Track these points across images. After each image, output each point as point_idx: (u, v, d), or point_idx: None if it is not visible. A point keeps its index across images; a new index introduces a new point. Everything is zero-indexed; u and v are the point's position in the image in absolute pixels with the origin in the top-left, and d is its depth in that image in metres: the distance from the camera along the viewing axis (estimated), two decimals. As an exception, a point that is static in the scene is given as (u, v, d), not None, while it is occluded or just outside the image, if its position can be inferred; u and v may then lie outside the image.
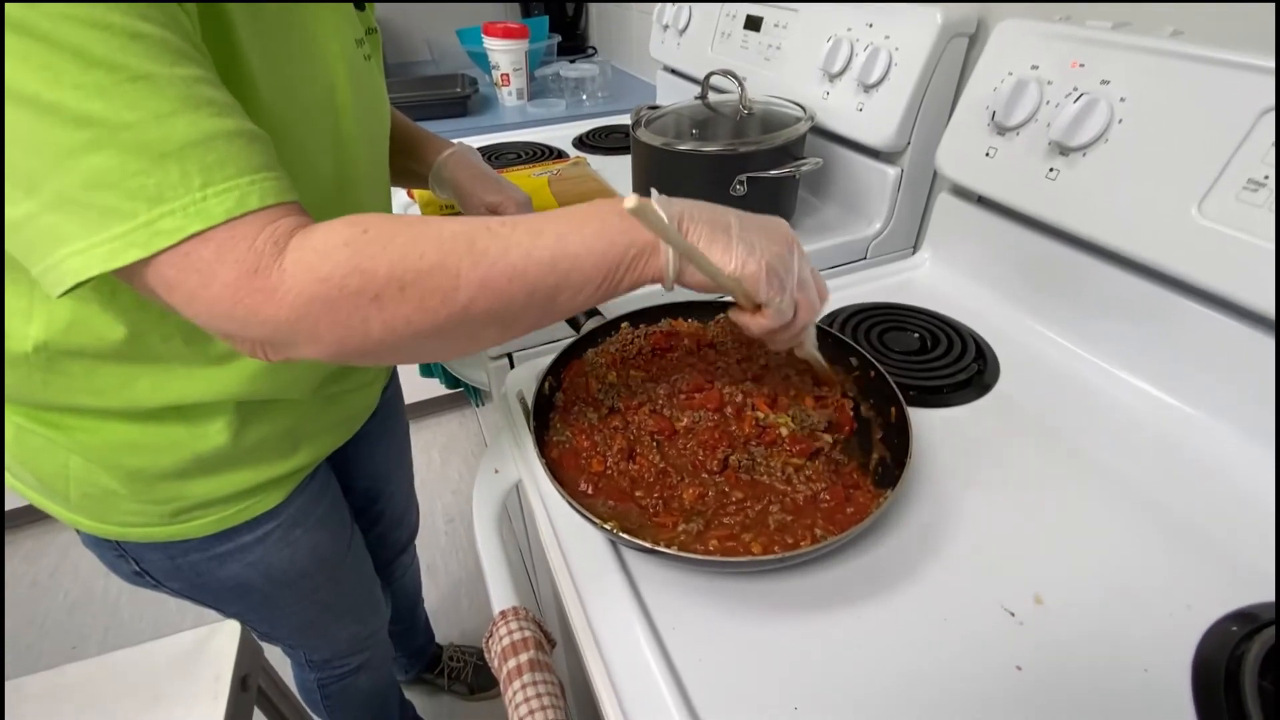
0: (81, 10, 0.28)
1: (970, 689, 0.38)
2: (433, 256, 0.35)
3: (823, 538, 0.43)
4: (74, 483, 0.51)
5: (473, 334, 0.38)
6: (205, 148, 0.31)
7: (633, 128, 0.82)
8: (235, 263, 0.32)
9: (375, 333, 0.35)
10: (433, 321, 0.35)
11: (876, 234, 0.86)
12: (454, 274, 0.35)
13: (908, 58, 0.75)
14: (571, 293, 0.39)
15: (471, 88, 1.45)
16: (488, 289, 0.36)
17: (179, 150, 0.31)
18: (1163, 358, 0.58)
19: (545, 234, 0.37)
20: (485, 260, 0.35)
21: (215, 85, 0.33)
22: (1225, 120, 0.49)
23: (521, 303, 0.37)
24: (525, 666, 0.44)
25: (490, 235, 0.36)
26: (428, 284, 0.35)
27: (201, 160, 0.31)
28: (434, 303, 0.35)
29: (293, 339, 0.34)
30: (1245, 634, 0.39)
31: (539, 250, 0.37)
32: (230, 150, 0.32)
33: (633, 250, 0.39)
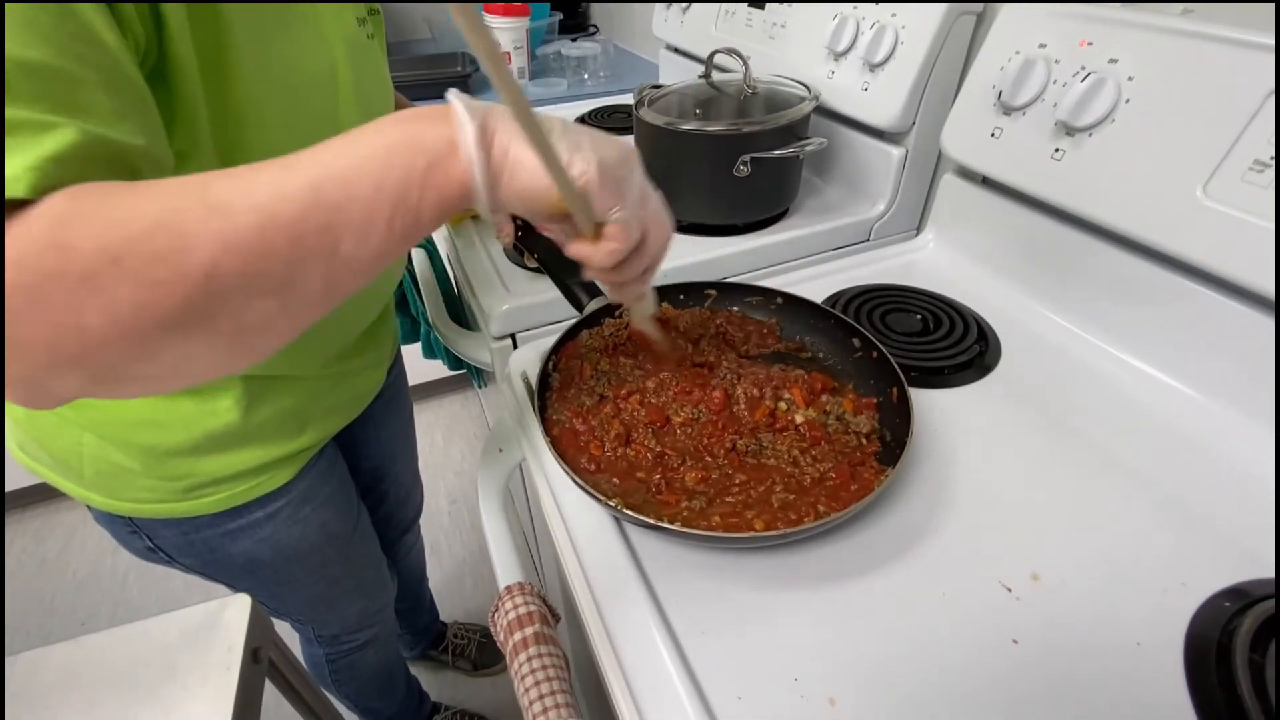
0: None
1: (967, 662, 0.39)
2: (151, 215, 0.26)
3: (826, 514, 0.44)
4: (87, 460, 0.52)
5: (237, 315, 0.28)
6: (10, 132, 0.26)
7: (635, 107, 0.82)
8: None
9: (94, 324, 0.26)
10: (169, 300, 0.26)
11: (880, 215, 0.86)
12: (180, 233, 0.26)
13: (914, 36, 0.74)
14: (356, 232, 0.29)
15: (472, 67, 1.43)
16: (232, 246, 0.27)
17: None
18: (1164, 340, 0.58)
19: (300, 163, 0.29)
20: (223, 207, 0.27)
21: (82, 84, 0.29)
22: (1232, 100, 0.49)
23: (286, 256, 0.28)
24: (531, 640, 0.45)
25: (228, 178, 0.28)
26: (147, 249, 0.26)
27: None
28: (161, 274, 0.26)
29: (9, 333, 0.26)
30: (1238, 609, 0.40)
31: (293, 183, 0.28)
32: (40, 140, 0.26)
33: (420, 159, 0.30)
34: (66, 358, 0.27)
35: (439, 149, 0.30)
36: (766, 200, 0.83)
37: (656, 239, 0.39)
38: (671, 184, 0.82)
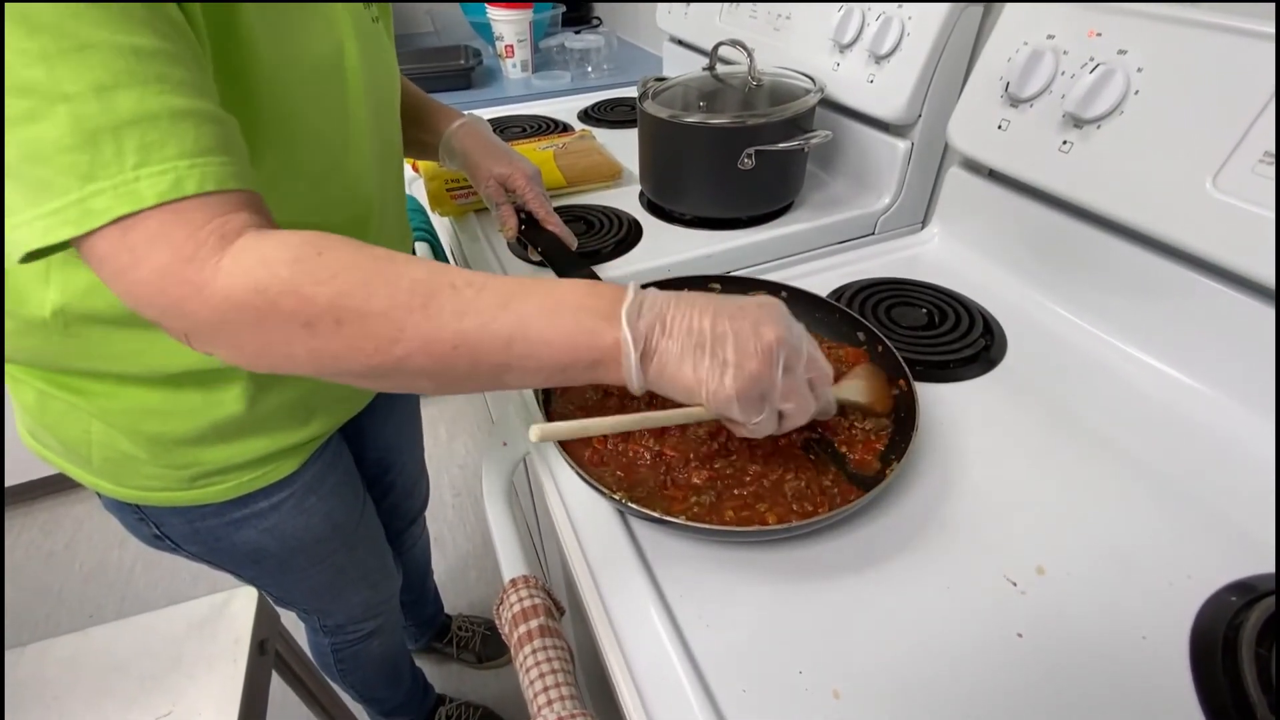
0: None
1: (972, 654, 0.39)
2: (381, 302, 0.32)
3: (842, 504, 0.44)
4: (95, 447, 0.52)
5: (405, 384, 0.36)
6: (146, 125, 0.30)
7: (639, 100, 0.81)
8: (170, 248, 0.30)
9: (300, 357, 0.33)
10: (363, 364, 0.33)
11: (885, 208, 0.85)
12: (398, 326, 0.33)
13: (920, 27, 0.73)
14: (519, 375, 0.36)
15: (475, 60, 1.43)
16: (429, 350, 0.33)
17: (116, 127, 0.29)
18: (1172, 333, 0.58)
19: (510, 311, 0.34)
20: (435, 320, 0.33)
21: (175, 60, 0.31)
22: (1243, 91, 0.49)
23: (463, 372, 0.35)
24: (535, 632, 0.45)
25: (451, 294, 0.34)
26: (366, 328, 0.32)
27: (141, 138, 0.30)
28: (368, 347, 0.33)
29: (212, 340, 0.33)
30: (1244, 603, 0.40)
31: (496, 325, 0.34)
32: (175, 130, 0.30)
33: (593, 355, 0.36)
34: (269, 365, 0.34)
35: (610, 354, 0.36)
36: (771, 193, 0.83)
37: (795, 421, 0.41)
38: (676, 177, 0.83)
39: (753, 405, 0.38)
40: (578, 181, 0.92)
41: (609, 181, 0.94)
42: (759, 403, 0.38)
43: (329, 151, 0.48)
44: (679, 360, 0.36)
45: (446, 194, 0.87)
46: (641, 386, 0.37)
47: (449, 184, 0.87)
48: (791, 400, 0.39)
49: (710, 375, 0.36)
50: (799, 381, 0.39)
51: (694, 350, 0.36)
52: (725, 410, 0.37)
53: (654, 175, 0.85)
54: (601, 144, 1.02)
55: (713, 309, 0.37)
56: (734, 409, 0.37)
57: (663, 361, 0.36)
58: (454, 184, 0.87)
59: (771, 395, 0.38)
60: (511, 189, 0.71)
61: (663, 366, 0.37)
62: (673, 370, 0.37)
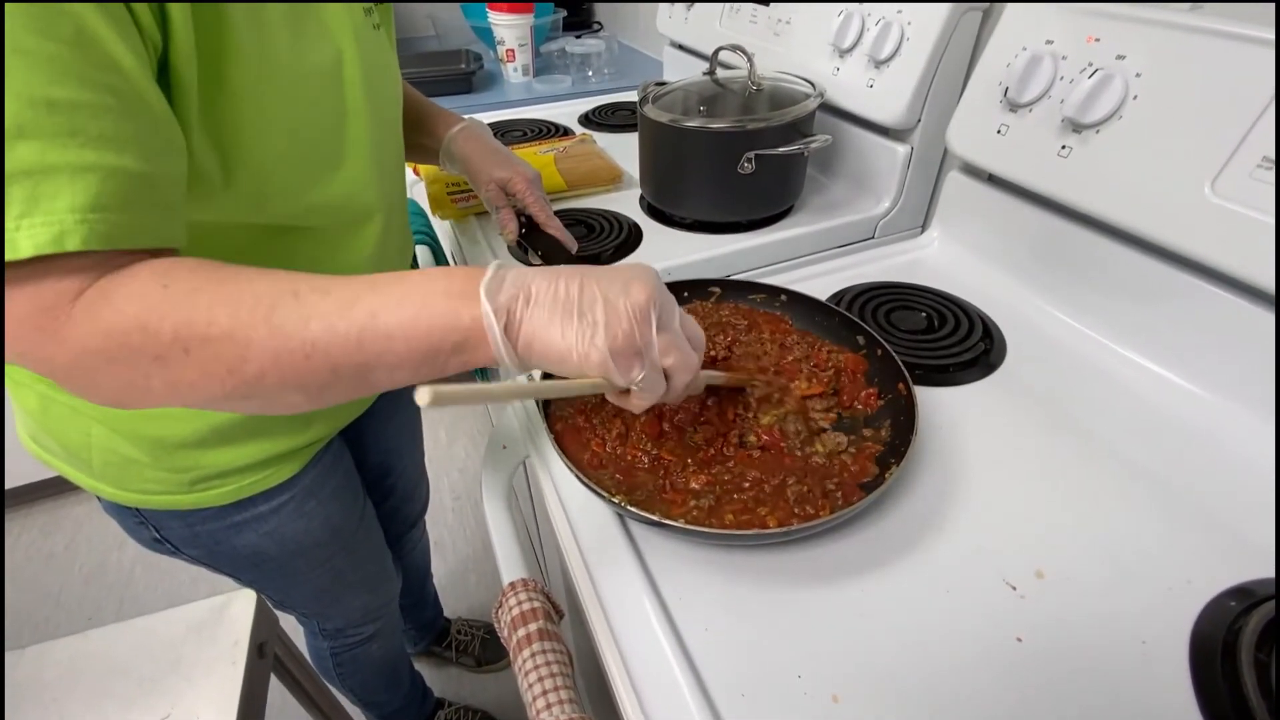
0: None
1: (971, 659, 0.39)
2: (224, 323, 0.32)
3: (844, 505, 0.44)
4: (96, 450, 0.52)
5: (271, 401, 0.35)
6: (40, 178, 0.29)
7: (640, 104, 0.82)
8: (34, 299, 0.30)
9: (158, 390, 0.33)
10: (220, 389, 0.33)
11: (885, 213, 0.86)
12: (243, 344, 0.32)
13: (920, 33, 0.74)
14: (387, 373, 0.35)
15: (476, 64, 1.43)
16: (282, 364, 0.33)
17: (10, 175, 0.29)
18: (1171, 337, 0.58)
19: (357, 308, 0.33)
20: (281, 333, 0.32)
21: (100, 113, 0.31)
22: (1241, 96, 0.49)
23: (325, 379, 0.34)
24: (535, 636, 0.45)
25: (295, 303, 0.33)
26: (212, 351, 0.32)
27: (32, 190, 0.29)
28: (219, 370, 0.32)
29: (71, 383, 0.33)
30: (1244, 608, 0.40)
31: (344, 325, 0.33)
32: (71, 184, 0.30)
33: (454, 337, 0.34)
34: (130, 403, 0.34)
35: (471, 333, 0.34)
36: (771, 197, 0.83)
37: (681, 377, 0.39)
38: (676, 181, 0.83)
39: (628, 363, 0.36)
40: (578, 185, 0.92)
41: (609, 185, 0.94)
42: (634, 359, 0.36)
43: (326, 158, 0.48)
44: (546, 327, 0.35)
45: (447, 197, 0.87)
46: (514, 362, 0.35)
47: (450, 187, 0.87)
48: (672, 355, 0.38)
49: (580, 338, 0.35)
50: (677, 336, 0.38)
51: (562, 316, 0.35)
52: (601, 371, 0.36)
53: (654, 179, 0.86)
54: (602, 148, 1.02)
55: (580, 275, 0.36)
56: (610, 369, 0.35)
57: (530, 331, 0.35)
58: (454, 187, 0.87)
59: (649, 352, 0.37)
60: (512, 193, 0.72)
61: (531, 337, 0.35)
62: (542, 339, 0.35)
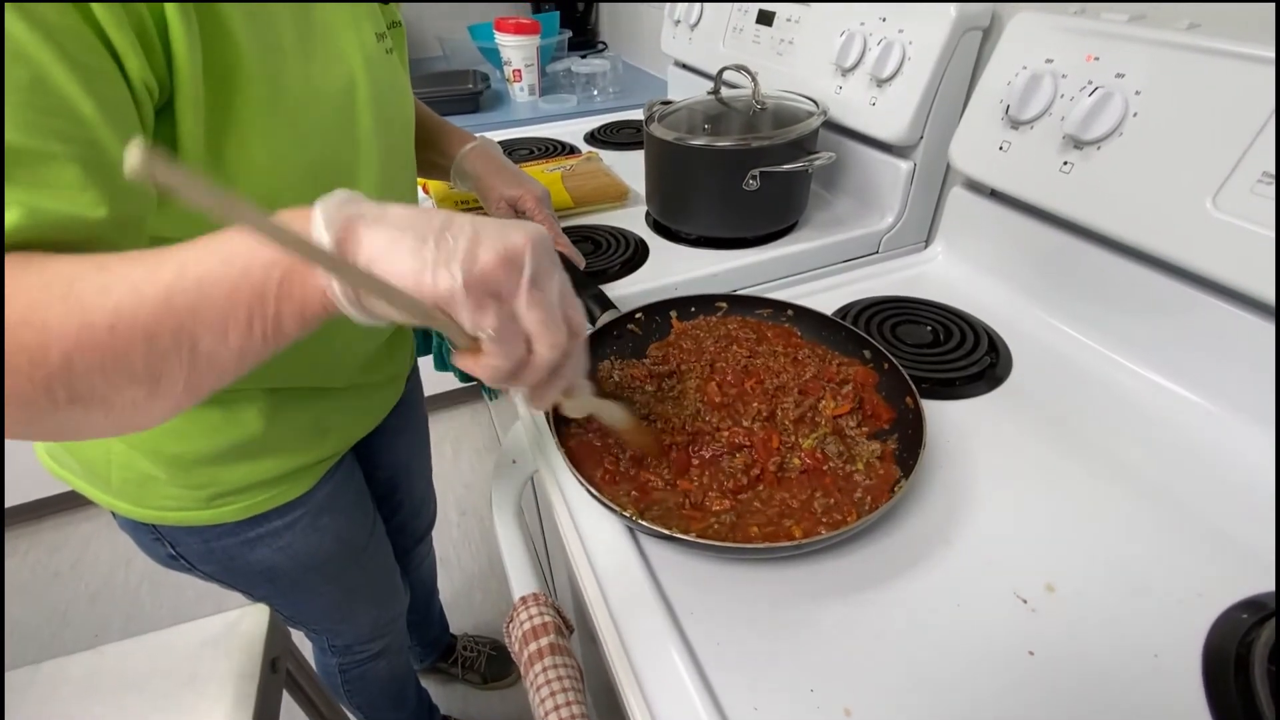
0: None
1: (983, 672, 0.39)
2: (19, 308, 0.27)
3: (872, 509, 0.45)
4: (115, 467, 0.53)
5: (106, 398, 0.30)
6: None
7: (645, 123, 0.83)
8: None
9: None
10: (29, 386, 0.28)
11: (889, 228, 0.87)
12: (40, 326, 0.27)
13: (921, 52, 0.75)
14: (212, 334, 0.30)
15: (483, 84, 1.46)
16: (86, 343, 0.28)
17: None
18: (1176, 350, 0.58)
19: (165, 267, 0.29)
20: (80, 305, 0.28)
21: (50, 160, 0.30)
22: (1240, 113, 0.50)
23: (143, 352, 0.29)
24: (546, 650, 0.45)
25: (98, 272, 0.29)
26: (12, 340, 0.27)
27: None
28: (21, 363, 0.27)
29: None
30: (1255, 621, 0.40)
31: (150, 286, 0.28)
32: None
33: (275, 270, 0.29)
34: None
35: (298, 262, 0.29)
36: (776, 213, 0.84)
37: (544, 351, 0.33)
38: (681, 198, 0.84)
39: (480, 302, 0.30)
40: (585, 202, 0.94)
41: (616, 202, 0.96)
42: (489, 301, 0.30)
43: (335, 182, 0.48)
44: (392, 247, 0.29)
45: (456, 215, 0.88)
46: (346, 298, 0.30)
47: (458, 206, 0.89)
48: (538, 311, 0.32)
49: (432, 261, 0.29)
50: (549, 298, 0.33)
51: (415, 237, 0.29)
52: (448, 304, 0.30)
53: (660, 196, 0.87)
54: (608, 166, 1.04)
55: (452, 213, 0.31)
56: (458, 302, 0.29)
57: (370, 248, 0.29)
58: (463, 206, 0.89)
59: (511, 299, 0.31)
60: (521, 210, 0.73)
61: (371, 258, 0.29)
62: (384, 258, 0.29)
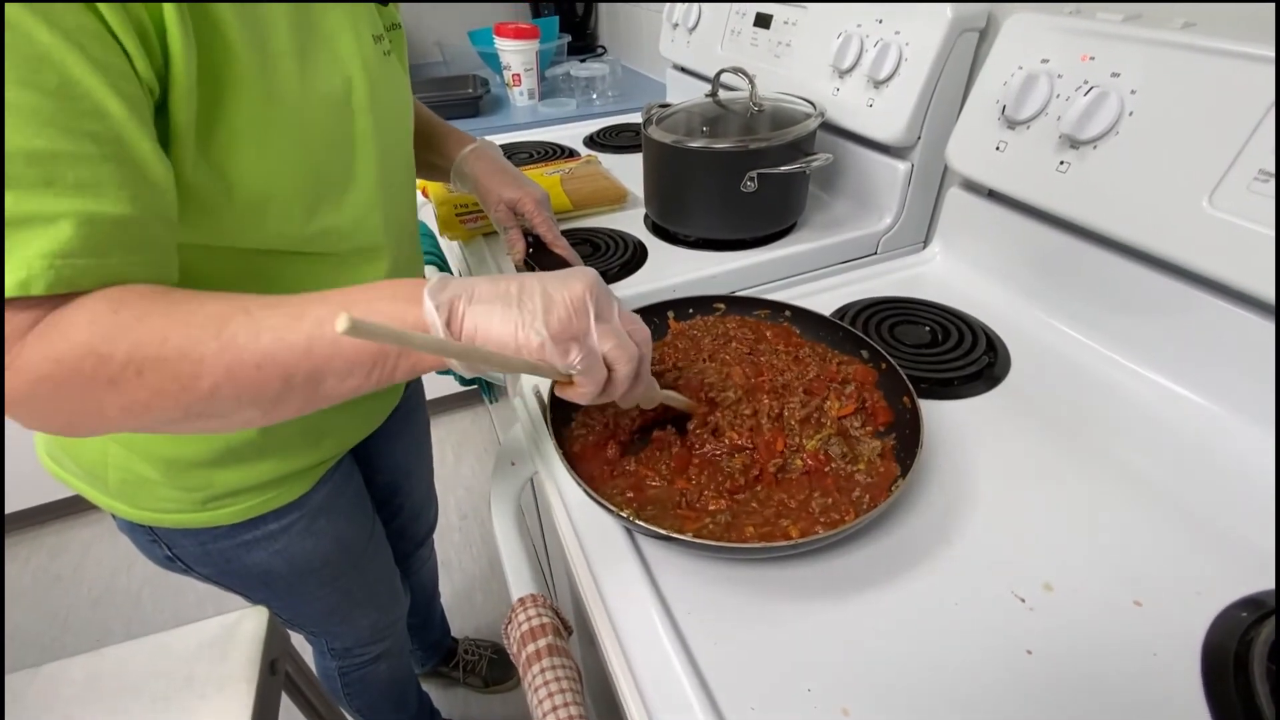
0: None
1: (981, 672, 0.39)
2: (176, 341, 0.32)
3: (870, 508, 0.45)
4: (113, 469, 0.53)
5: (227, 419, 0.36)
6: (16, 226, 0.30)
7: (644, 126, 0.83)
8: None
9: (112, 414, 0.34)
10: (175, 407, 0.34)
11: (887, 229, 0.87)
12: (197, 360, 0.33)
13: (918, 53, 0.75)
14: (337, 380, 0.36)
15: (483, 88, 1.46)
16: (234, 376, 0.33)
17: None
18: (1174, 348, 0.58)
19: (305, 318, 0.34)
20: (233, 346, 0.33)
21: (77, 161, 0.32)
22: (1236, 111, 0.50)
23: (277, 390, 0.35)
24: (544, 651, 0.45)
25: (245, 318, 0.34)
26: (167, 370, 0.32)
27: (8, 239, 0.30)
28: (173, 388, 0.33)
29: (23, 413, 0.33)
30: (1254, 619, 0.40)
31: (293, 335, 0.34)
32: (46, 230, 0.31)
33: None
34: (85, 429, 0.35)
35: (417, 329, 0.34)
36: (774, 215, 0.84)
37: (622, 368, 0.40)
38: (680, 200, 0.84)
39: (565, 347, 0.37)
40: (584, 205, 0.94)
41: (614, 205, 0.96)
42: (571, 343, 0.37)
43: (333, 184, 0.48)
44: (488, 318, 0.36)
45: (456, 219, 0.88)
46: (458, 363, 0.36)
47: (458, 209, 0.89)
48: (609, 341, 0.39)
49: (520, 324, 0.36)
50: (615, 325, 0.40)
51: (502, 307, 0.36)
52: (540, 355, 0.37)
53: (659, 199, 0.87)
54: (607, 169, 1.04)
55: (521, 277, 0.38)
56: (548, 352, 0.36)
57: (473, 323, 0.36)
58: (463, 209, 0.89)
59: (586, 338, 0.38)
60: (520, 213, 0.73)
61: (474, 328, 0.36)
62: (484, 329, 0.36)
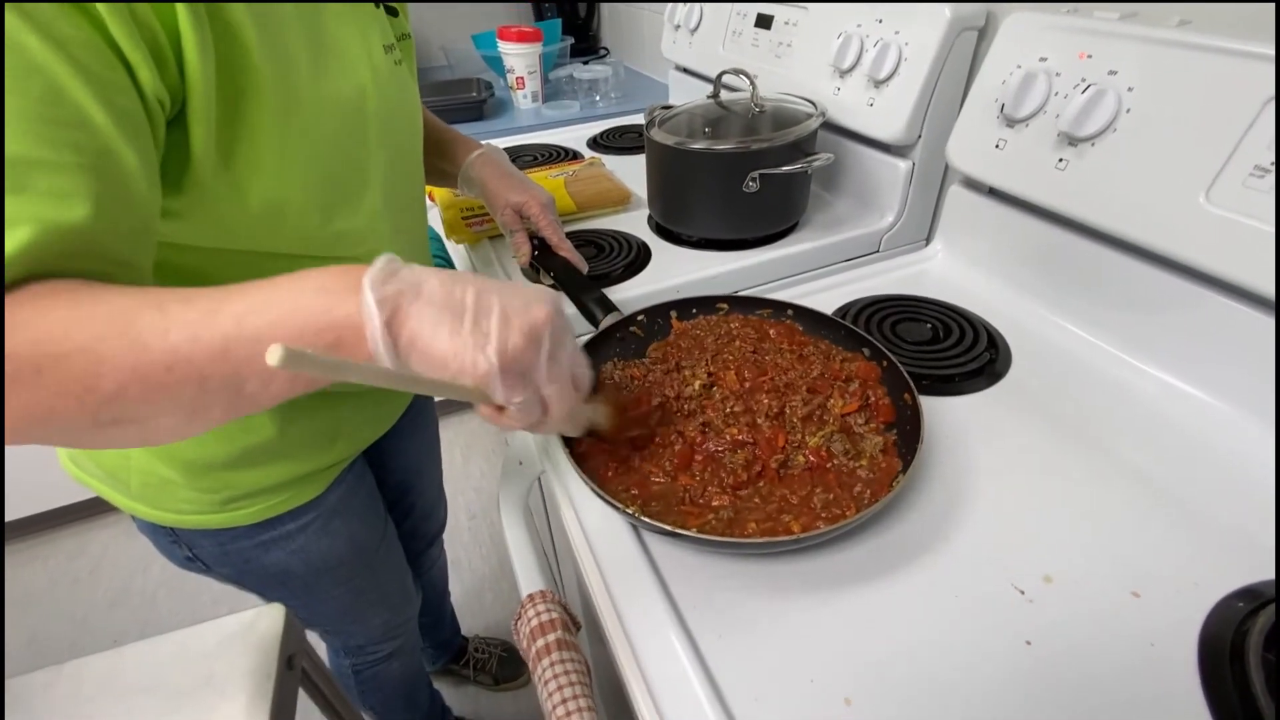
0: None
1: (981, 663, 0.40)
2: (79, 338, 0.30)
3: (871, 503, 0.45)
4: (135, 472, 0.55)
5: (144, 426, 0.32)
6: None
7: (646, 127, 0.84)
8: None
9: (20, 418, 0.30)
10: (80, 410, 0.30)
11: (889, 227, 0.87)
12: (98, 358, 0.30)
13: (917, 53, 0.76)
14: (258, 382, 0.32)
15: (487, 92, 1.48)
16: (142, 377, 0.30)
17: None
18: (1173, 344, 0.59)
19: (222, 314, 0.31)
20: (139, 344, 0.30)
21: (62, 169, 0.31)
22: (1231, 108, 0.50)
23: (192, 393, 0.31)
24: (553, 646, 0.47)
25: (157, 312, 0.31)
26: (66, 369, 0.29)
27: None
28: (76, 389, 0.30)
29: None
30: (1251, 610, 0.41)
31: (208, 333, 0.31)
32: (10, 235, 0.30)
33: (327, 336, 0.32)
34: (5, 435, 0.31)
35: (348, 328, 0.32)
36: (776, 214, 0.85)
37: (558, 412, 0.39)
38: (683, 201, 0.85)
39: (514, 384, 0.35)
40: (588, 207, 0.95)
41: (618, 206, 0.97)
42: (520, 381, 0.35)
43: (346, 189, 0.50)
44: (434, 327, 0.33)
45: (462, 222, 0.90)
46: (391, 360, 0.33)
47: (464, 212, 0.90)
48: (555, 384, 0.37)
49: (468, 346, 0.33)
50: (563, 368, 0.38)
51: (452, 318, 0.33)
52: (484, 384, 0.34)
53: (662, 200, 0.88)
54: (610, 170, 1.05)
55: (480, 283, 0.35)
56: (494, 384, 0.34)
57: (415, 330, 0.32)
58: (469, 212, 0.90)
59: (535, 375, 0.36)
60: (526, 216, 0.74)
61: (415, 335, 0.32)
62: (427, 341, 0.33)
